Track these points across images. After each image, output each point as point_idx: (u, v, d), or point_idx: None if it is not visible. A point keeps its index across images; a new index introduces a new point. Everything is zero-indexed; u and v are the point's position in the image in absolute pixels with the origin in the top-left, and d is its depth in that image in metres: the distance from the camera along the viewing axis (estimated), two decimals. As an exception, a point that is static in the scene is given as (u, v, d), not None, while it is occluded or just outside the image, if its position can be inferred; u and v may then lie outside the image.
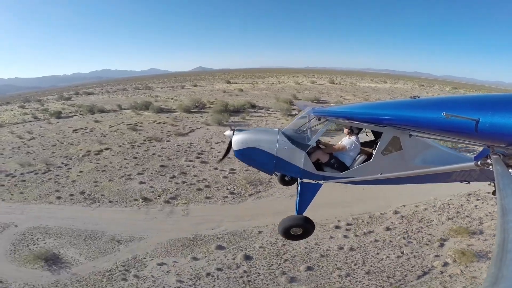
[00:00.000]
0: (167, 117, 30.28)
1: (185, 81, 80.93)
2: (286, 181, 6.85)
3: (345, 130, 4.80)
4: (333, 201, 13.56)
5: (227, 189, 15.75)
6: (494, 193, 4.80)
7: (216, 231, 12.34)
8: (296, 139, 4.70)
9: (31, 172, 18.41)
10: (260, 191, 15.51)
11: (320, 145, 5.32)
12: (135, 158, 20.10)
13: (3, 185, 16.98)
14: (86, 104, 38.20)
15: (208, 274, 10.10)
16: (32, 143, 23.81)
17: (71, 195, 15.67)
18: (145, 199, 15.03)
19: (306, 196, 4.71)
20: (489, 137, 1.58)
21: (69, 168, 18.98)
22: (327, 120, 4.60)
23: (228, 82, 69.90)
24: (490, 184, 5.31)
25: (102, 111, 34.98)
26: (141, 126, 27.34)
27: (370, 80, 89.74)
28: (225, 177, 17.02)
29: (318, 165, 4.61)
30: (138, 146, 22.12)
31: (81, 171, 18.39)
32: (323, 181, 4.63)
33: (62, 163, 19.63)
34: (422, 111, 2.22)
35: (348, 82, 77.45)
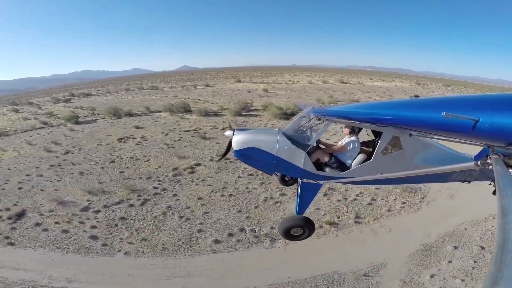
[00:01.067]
0: (223, 122, 25.39)
1: (183, 81, 78.58)
2: (286, 181, 6.86)
3: (346, 130, 4.80)
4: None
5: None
6: (494, 193, 4.80)
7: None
8: (296, 139, 4.70)
9: (119, 203, 12.44)
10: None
11: (320, 145, 5.32)
12: (251, 174, 14.88)
13: (95, 227, 10.79)
14: (103, 107, 32.56)
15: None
16: (75, 159, 17.67)
17: (230, 235, 10.52)
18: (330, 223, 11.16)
19: (306, 196, 4.72)
20: (489, 136, 1.58)
21: (175, 195, 13.19)
22: (327, 120, 4.61)
23: (239, 81, 69.34)
24: (490, 184, 5.31)
25: (129, 114, 29.36)
26: (205, 133, 22.52)
27: (369, 79, 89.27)
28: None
29: (318, 165, 4.61)
30: (236, 159, 15.30)
31: (199, 198, 12.98)
32: (323, 181, 4.63)
33: (156, 188, 13.81)
34: (422, 111, 2.22)
35: (355, 81, 76.04)
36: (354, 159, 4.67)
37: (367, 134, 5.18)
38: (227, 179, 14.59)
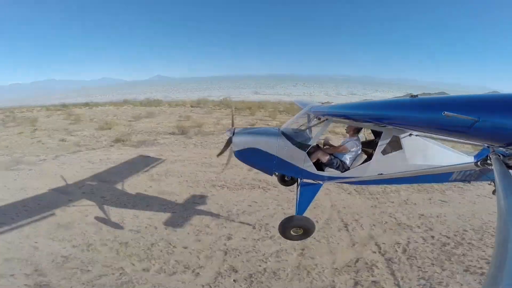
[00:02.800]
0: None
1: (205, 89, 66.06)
2: (286, 181, 6.87)
3: (349, 130, 4.80)
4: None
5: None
6: (494, 192, 4.81)
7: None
8: (296, 139, 4.70)
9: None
10: None
11: (320, 146, 5.31)
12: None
13: None
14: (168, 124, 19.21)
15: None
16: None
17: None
18: None
19: (306, 196, 4.72)
20: (489, 136, 1.58)
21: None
22: (327, 119, 4.61)
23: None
24: (490, 184, 5.32)
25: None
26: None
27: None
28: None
29: (318, 165, 4.61)
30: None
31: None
32: (323, 181, 4.64)
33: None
34: (422, 111, 2.22)
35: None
36: (354, 159, 4.68)
37: (364, 135, 5.19)
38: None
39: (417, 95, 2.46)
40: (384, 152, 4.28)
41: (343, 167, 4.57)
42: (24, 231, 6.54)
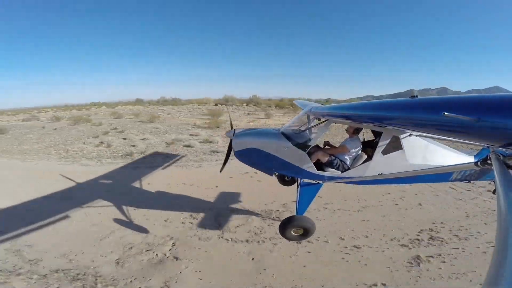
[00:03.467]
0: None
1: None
2: (286, 181, 6.87)
3: (350, 130, 4.81)
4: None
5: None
6: (494, 192, 4.82)
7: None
8: (296, 139, 4.71)
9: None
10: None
11: (320, 146, 5.32)
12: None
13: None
14: None
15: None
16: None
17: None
18: None
19: (306, 197, 4.73)
20: (489, 137, 1.58)
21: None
22: (327, 119, 4.61)
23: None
24: (490, 183, 5.32)
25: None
26: None
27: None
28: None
29: (318, 165, 4.62)
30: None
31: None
32: (323, 181, 4.64)
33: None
34: (422, 111, 2.22)
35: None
36: (354, 159, 4.68)
37: (363, 135, 5.19)
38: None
39: (417, 95, 2.47)
40: (384, 152, 4.28)
41: (343, 167, 4.57)
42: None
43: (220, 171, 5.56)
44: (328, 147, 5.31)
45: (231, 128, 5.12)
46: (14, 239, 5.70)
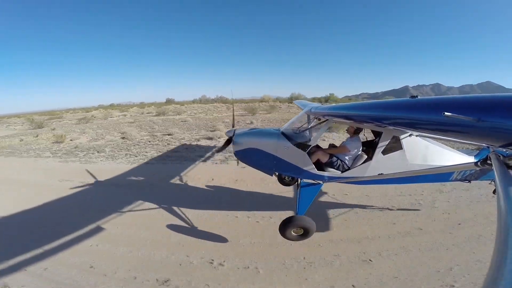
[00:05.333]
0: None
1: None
2: (285, 182, 6.87)
3: (350, 130, 4.80)
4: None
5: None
6: (494, 192, 4.82)
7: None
8: (296, 139, 4.71)
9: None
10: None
11: (320, 146, 5.31)
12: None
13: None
14: None
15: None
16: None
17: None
18: None
19: (306, 197, 4.72)
20: (489, 136, 1.57)
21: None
22: (327, 119, 4.61)
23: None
24: (490, 183, 5.31)
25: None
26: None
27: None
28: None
29: (318, 165, 4.61)
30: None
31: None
32: (323, 181, 4.64)
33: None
34: (422, 111, 2.21)
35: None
36: (355, 159, 4.68)
37: (365, 135, 5.18)
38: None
39: (417, 96, 2.46)
40: (385, 152, 4.28)
41: (343, 167, 4.57)
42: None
43: (217, 152, 5.43)
44: (332, 147, 5.31)
45: (232, 127, 5.13)
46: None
